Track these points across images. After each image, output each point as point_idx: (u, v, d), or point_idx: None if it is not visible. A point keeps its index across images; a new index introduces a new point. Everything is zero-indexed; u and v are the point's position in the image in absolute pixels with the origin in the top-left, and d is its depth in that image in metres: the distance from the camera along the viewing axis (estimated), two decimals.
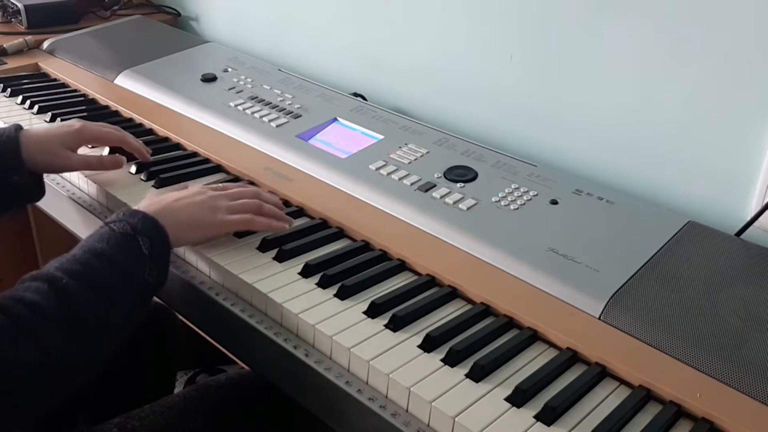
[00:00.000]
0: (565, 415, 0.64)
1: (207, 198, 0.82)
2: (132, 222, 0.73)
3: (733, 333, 0.72)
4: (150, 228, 0.73)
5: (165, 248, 0.74)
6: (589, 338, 0.72)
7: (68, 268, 0.67)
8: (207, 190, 0.84)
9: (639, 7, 0.98)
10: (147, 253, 0.72)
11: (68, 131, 0.92)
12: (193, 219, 0.80)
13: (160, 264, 0.73)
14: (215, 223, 0.81)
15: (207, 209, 0.81)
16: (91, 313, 0.66)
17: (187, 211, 0.79)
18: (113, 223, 0.73)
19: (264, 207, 0.86)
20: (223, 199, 0.83)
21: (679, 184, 1.00)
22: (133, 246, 0.71)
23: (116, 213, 0.75)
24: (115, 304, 0.68)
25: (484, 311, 0.77)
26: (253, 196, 0.87)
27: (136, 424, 0.81)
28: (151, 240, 0.72)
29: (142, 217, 0.74)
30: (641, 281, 0.78)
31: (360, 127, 1.11)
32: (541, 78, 1.12)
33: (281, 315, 0.75)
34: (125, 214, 0.74)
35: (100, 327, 0.67)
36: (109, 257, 0.69)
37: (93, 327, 0.66)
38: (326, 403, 0.70)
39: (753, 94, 0.90)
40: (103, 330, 0.68)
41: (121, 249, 0.71)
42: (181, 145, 1.09)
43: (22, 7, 1.52)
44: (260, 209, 0.85)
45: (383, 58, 1.34)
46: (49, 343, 0.62)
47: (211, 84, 1.25)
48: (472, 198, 0.93)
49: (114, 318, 0.69)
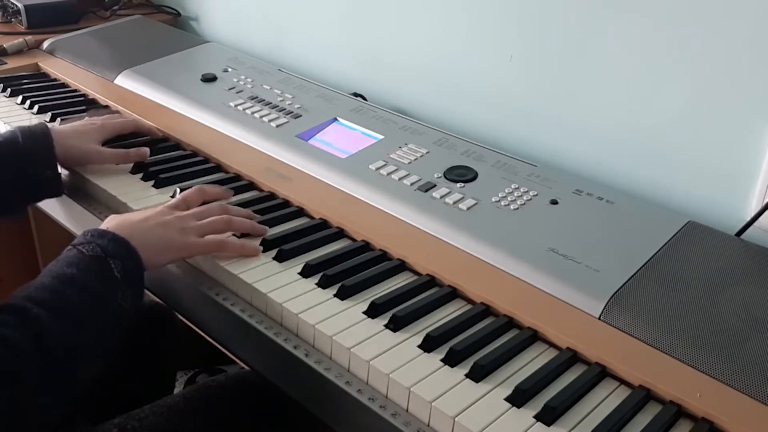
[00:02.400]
0: (565, 415, 0.64)
1: (174, 219, 0.79)
2: (102, 244, 0.69)
3: (734, 333, 0.72)
4: (121, 250, 0.70)
5: (138, 271, 0.71)
6: (589, 338, 0.72)
7: (38, 298, 0.64)
8: (173, 211, 0.81)
9: (639, 7, 0.98)
10: (119, 276, 0.68)
11: (93, 128, 0.99)
12: (163, 241, 0.76)
13: (133, 287, 0.70)
14: (187, 245, 0.78)
15: (176, 231, 0.78)
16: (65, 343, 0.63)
17: (156, 232, 0.76)
18: (81, 245, 0.69)
19: (233, 222, 0.83)
20: (190, 219, 0.80)
21: (679, 184, 1.00)
22: (104, 269, 0.68)
23: (82, 234, 0.71)
24: (88, 332, 0.66)
25: (484, 311, 0.77)
26: (221, 212, 0.84)
27: (136, 424, 0.81)
28: (123, 263, 0.69)
29: (112, 238, 0.71)
30: (641, 281, 0.78)
31: (360, 127, 1.11)
32: (541, 78, 1.12)
33: (281, 315, 0.75)
34: (93, 235, 0.71)
35: (74, 357, 0.64)
36: (79, 283, 0.66)
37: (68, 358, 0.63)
38: (326, 403, 0.70)
39: (753, 94, 0.90)
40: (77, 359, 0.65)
41: (92, 273, 0.68)
42: (180, 145, 1.09)
43: (22, 7, 1.52)
44: (229, 225, 0.83)
45: (383, 58, 1.34)
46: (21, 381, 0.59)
47: (211, 84, 1.25)
48: (472, 198, 0.93)
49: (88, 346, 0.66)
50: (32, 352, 0.60)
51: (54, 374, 0.62)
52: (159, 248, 0.76)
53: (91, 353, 0.67)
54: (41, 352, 0.61)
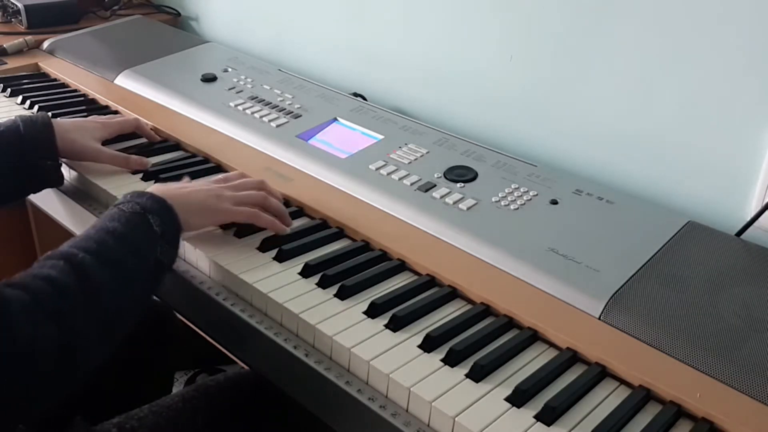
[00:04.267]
0: (565, 415, 0.64)
1: (213, 187, 0.85)
2: (140, 202, 0.74)
3: (733, 333, 0.72)
4: (159, 208, 0.75)
5: (175, 228, 0.76)
6: (589, 338, 0.72)
7: (83, 246, 0.68)
8: (212, 184, 0.86)
9: (639, 8, 0.97)
10: (158, 231, 0.73)
11: (95, 126, 1.00)
12: (201, 204, 0.81)
13: (170, 243, 0.75)
14: (222, 210, 0.83)
15: (213, 197, 0.83)
16: (107, 287, 0.67)
17: (194, 196, 0.81)
18: (122, 204, 0.74)
19: (269, 199, 0.87)
20: (228, 189, 0.85)
21: (679, 184, 1.00)
22: (144, 224, 0.73)
23: (123, 196, 0.76)
24: (128, 281, 0.70)
25: (484, 311, 0.77)
26: (258, 187, 0.88)
27: (135, 424, 0.81)
28: (161, 218, 0.74)
29: (150, 197, 0.75)
30: (641, 281, 0.78)
31: (360, 127, 1.11)
32: (541, 78, 1.12)
33: (281, 315, 0.75)
34: (132, 195, 0.76)
35: (114, 303, 0.68)
36: (121, 234, 0.71)
37: (108, 303, 0.67)
38: (326, 403, 0.70)
39: (753, 95, 0.90)
40: (117, 307, 0.68)
41: (133, 227, 0.72)
42: (181, 145, 1.09)
43: (22, 7, 1.52)
44: (265, 201, 0.87)
45: (383, 58, 1.34)
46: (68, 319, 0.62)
47: (211, 84, 1.25)
48: (472, 198, 0.93)
49: (127, 295, 0.70)
50: (77, 293, 0.64)
51: (97, 316, 0.65)
52: (195, 210, 0.80)
53: (131, 303, 0.71)
54: (85, 293, 0.65)
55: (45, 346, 0.60)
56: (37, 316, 0.60)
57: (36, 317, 0.60)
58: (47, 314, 0.61)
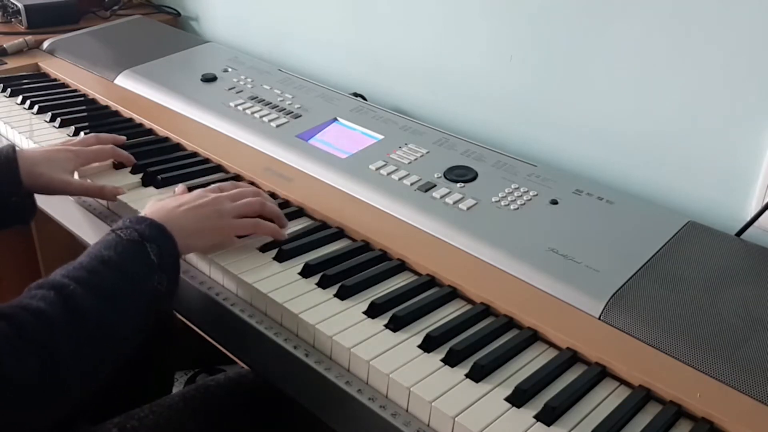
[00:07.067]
0: (565, 415, 0.64)
1: (211, 202, 0.81)
2: (139, 229, 0.72)
3: (733, 333, 0.71)
4: (158, 235, 0.72)
5: (174, 256, 0.73)
6: (589, 338, 0.72)
7: (75, 275, 0.66)
8: (208, 194, 0.83)
9: (639, 8, 0.97)
10: (155, 260, 0.70)
11: (66, 157, 0.92)
12: (200, 225, 0.79)
13: (169, 272, 0.72)
14: (222, 227, 0.81)
15: (213, 214, 0.80)
16: (98, 321, 0.65)
17: (193, 217, 0.79)
18: (120, 230, 0.72)
19: (267, 205, 0.86)
20: (226, 201, 0.83)
21: (679, 184, 1.00)
22: (141, 253, 0.70)
23: (122, 219, 0.74)
24: (122, 313, 0.67)
25: (484, 311, 0.77)
26: (255, 195, 0.87)
27: (136, 424, 0.81)
28: (159, 247, 0.71)
29: (150, 224, 0.73)
30: (641, 281, 0.78)
31: (360, 127, 1.11)
32: (541, 78, 1.12)
33: (281, 315, 0.75)
34: (131, 221, 0.73)
35: (106, 336, 0.66)
36: (116, 264, 0.68)
37: (99, 336, 0.65)
38: (326, 403, 0.70)
39: (753, 95, 0.90)
40: (110, 339, 0.66)
41: (129, 256, 0.70)
42: (181, 145, 1.09)
43: (22, 7, 1.52)
44: (263, 207, 0.85)
45: (383, 58, 1.34)
46: (52, 352, 0.61)
47: (211, 84, 1.25)
48: (472, 198, 0.93)
49: (121, 327, 0.67)
50: (65, 326, 0.62)
51: (85, 349, 0.64)
52: (195, 233, 0.78)
53: (124, 333, 0.68)
54: (74, 326, 0.63)
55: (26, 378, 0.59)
56: (19, 349, 0.59)
57: (18, 350, 0.59)
58: (30, 347, 0.60)
